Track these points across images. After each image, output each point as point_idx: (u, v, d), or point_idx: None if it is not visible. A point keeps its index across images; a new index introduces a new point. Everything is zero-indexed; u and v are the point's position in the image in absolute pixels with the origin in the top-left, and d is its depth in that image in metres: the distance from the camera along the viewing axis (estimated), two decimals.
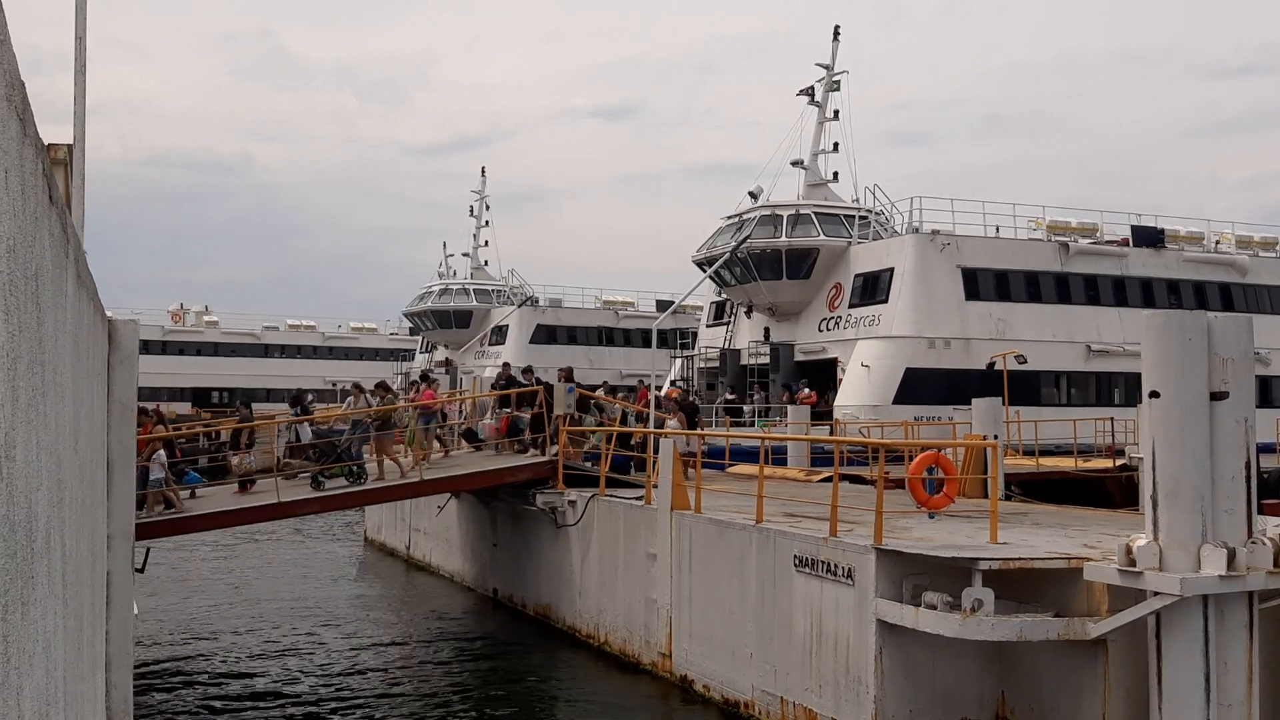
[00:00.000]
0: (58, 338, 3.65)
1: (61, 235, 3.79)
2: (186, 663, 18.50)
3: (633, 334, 61.03)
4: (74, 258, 4.47)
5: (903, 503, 15.67)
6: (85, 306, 5.58)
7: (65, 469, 4.11)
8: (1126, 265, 38.33)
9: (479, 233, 65.72)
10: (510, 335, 57.88)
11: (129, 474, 9.67)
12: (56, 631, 3.69)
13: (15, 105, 2.32)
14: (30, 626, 2.76)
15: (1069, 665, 12.07)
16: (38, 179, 2.88)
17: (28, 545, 2.69)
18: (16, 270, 2.40)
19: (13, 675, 2.34)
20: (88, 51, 9.29)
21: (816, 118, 40.73)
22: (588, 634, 19.36)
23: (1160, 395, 11.02)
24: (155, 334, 77.83)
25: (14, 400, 2.39)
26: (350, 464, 20.55)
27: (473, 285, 62.44)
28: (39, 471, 3.02)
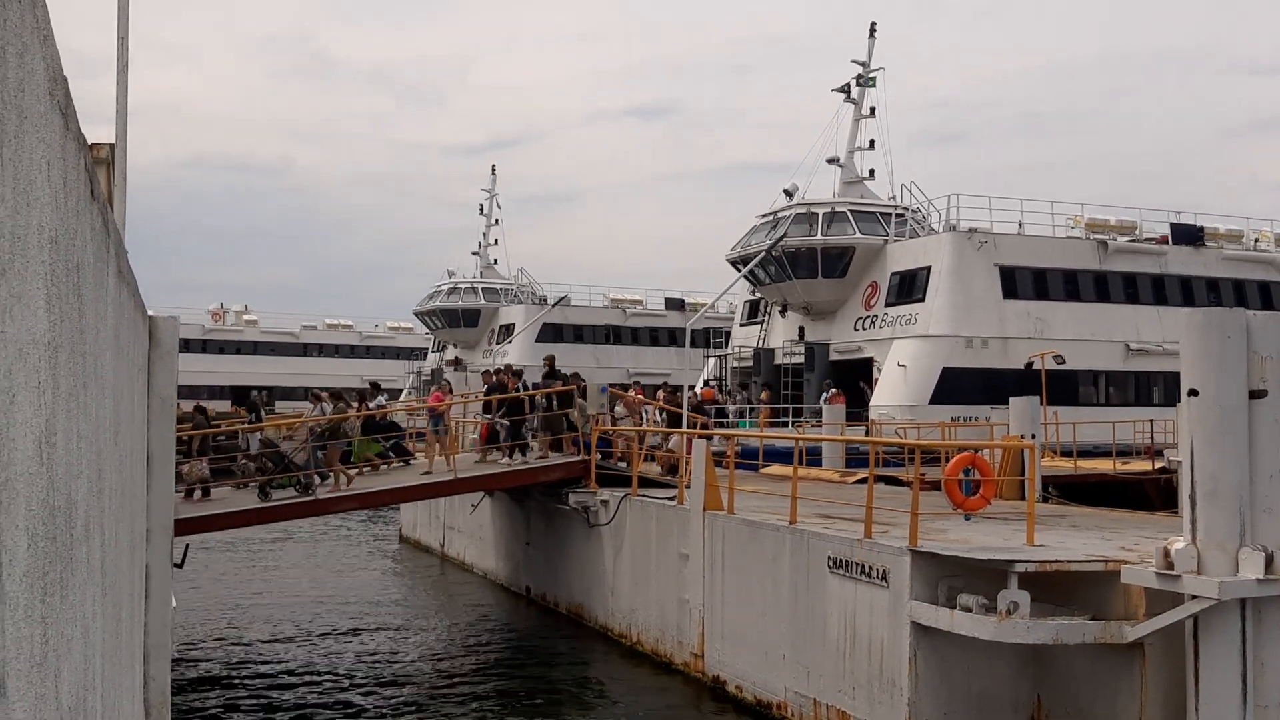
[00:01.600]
0: (99, 330, 3.76)
1: (103, 230, 3.89)
2: (223, 655, 18.75)
3: (640, 332, 60.84)
4: (115, 253, 4.59)
5: (938, 504, 15.61)
6: (126, 302, 5.71)
7: (105, 460, 4.22)
8: (1165, 263, 37.87)
9: (489, 231, 65.91)
10: (517, 334, 58.00)
11: (168, 469, 9.84)
12: (96, 619, 3.79)
13: (58, 100, 2.41)
14: (70, 610, 2.86)
15: (1105, 668, 11.99)
16: (80, 174, 2.97)
17: (67, 531, 2.79)
18: (59, 261, 2.49)
19: (51, 656, 2.42)
20: (131, 54, 9.46)
21: (852, 115, 40.53)
22: (620, 633, 19.42)
23: (1199, 394, 10.92)
24: (196, 333, 78.79)
25: (55, 388, 2.48)
26: (298, 474, 19.72)
27: (481, 284, 62.49)
28: (79, 460, 3.12)
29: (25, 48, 1.90)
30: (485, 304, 61.00)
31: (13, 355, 1.88)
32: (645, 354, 60.01)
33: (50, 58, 2.24)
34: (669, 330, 61.98)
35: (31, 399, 2.11)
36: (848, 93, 40.47)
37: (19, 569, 1.99)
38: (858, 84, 40.51)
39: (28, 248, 2.01)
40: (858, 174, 40.34)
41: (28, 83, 1.93)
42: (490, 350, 59.46)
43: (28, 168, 1.98)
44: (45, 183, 2.19)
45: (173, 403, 9.55)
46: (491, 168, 67.98)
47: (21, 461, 2.01)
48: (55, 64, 2.34)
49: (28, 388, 2.06)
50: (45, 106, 2.17)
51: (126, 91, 9.24)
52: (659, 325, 61.96)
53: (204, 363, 75.66)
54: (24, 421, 2.03)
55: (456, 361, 60.17)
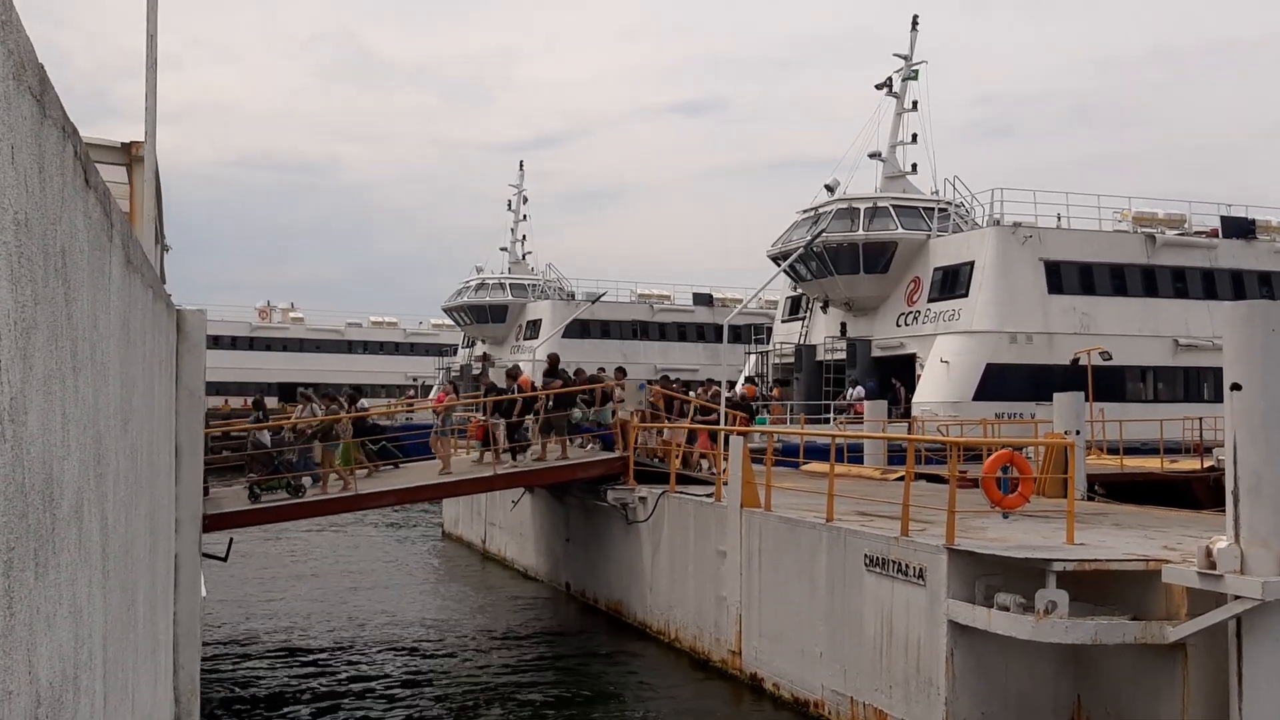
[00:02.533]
0: (96, 317, 3.79)
1: (103, 219, 3.92)
2: (260, 646, 18.91)
3: (668, 327, 60.46)
4: (120, 242, 4.62)
5: (977, 502, 15.40)
6: (139, 292, 5.74)
7: (107, 445, 4.26)
8: (1215, 257, 37.19)
9: (517, 227, 66.00)
10: (544, 329, 57.90)
11: (196, 459, 9.91)
12: (92, 599, 3.83)
13: (29, 85, 2.44)
14: (49, 589, 2.90)
15: (1147, 669, 11.75)
16: (65, 160, 2.99)
17: (45, 509, 2.82)
18: (30, 244, 2.51)
19: (20, 630, 2.46)
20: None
21: (894, 109, 40.21)
22: (658, 630, 19.36)
23: (1242, 388, 10.66)
24: (243, 330, 79.93)
25: (26, 368, 2.50)
26: (288, 476, 19.48)
27: (509, 280, 62.54)
28: (65, 442, 3.16)
29: None
30: (513, 299, 61.03)
31: None
32: (673, 349, 59.72)
33: (15, 44, 2.25)
34: (697, 326, 61.75)
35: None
36: (890, 87, 40.16)
37: None
38: (900, 78, 40.17)
39: None
40: (900, 169, 40.02)
41: None
42: (518, 346, 59.55)
43: None
44: (8, 164, 2.20)
45: (201, 395, 9.63)
46: (519, 163, 68.18)
47: None
48: (24, 50, 2.35)
49: None
50: (7, 90, 2.17)
51: (155, 89, 9.33)
52: (687, 321, 61.70)
53: (251, 360, 76.71)
54: None
55: (485, 357, 60.31)
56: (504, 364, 59.04)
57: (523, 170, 66.88)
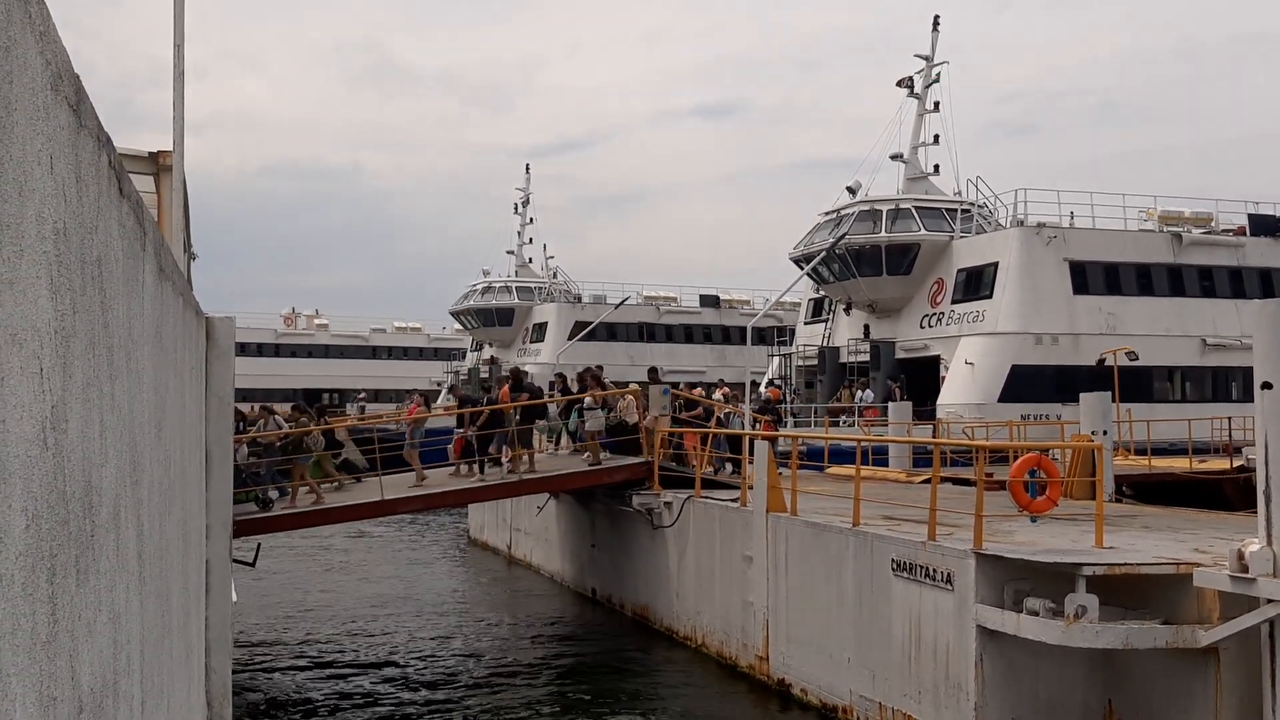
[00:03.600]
0: (131, 325, 3.83)
1: (136, 228, 3.95)
2: (289, 651, 19.01)
3: (675, 329, 60.12)
4: (153, 251, 4.67)
5: (1004, 505, 15.29)
6: (171, 300, 5.80)
7: (143, 453, 4.31)
8: (1243, 255, 36.84)
9: (523, 230, 66.04)
10: (549, 332, 57.62)
11: (226, 465, 9.98)
12: (130, 606, 3.87)
13: (66, 96, 2.48)
14: (89, 595, 2.93)
15: (1179, 673, 11.63)
16: (100, 170, 3.03)
17: (85, 516, 2.86)
18: (69, 253, 2.54)
19: (63, 637, 2.50)
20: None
21: (916, 110, 40.07)
22: (685, 635, 19.34)
23: (1272, 387, 10.54)
24: (268, 337, 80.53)
25: (66, 377, 2.54)
26: (256, 490, 19.28)
27: (515, 283, 62.46)
28: (103, 450, 3.20)
29: (12, 41, 1.94)
30: (519, 302, 60.90)
31: (3, 340, 1.93)
32: (679, 351, 59.36)
33: (53, 54, 2.29)
34: (704, 328, 61.54)
35: (30, 385, 2.16)
36: (911, 87, 39.99)
37: (14, 549, 2.04)
38: (921, 79, 40.02)
39: (22, 236, 2.05)
40: (922, 170, 39.86)
41: (16, 76, 1.98)
42: (524, 349, 59.48)
43: (19, 159, 2.03)
44: (47, 175, 2.24)
45: (230, 402, 9.70)
46: (525, 166, 68.37)
47: (17, 444, 2.06)
48: (61, 61, 2.39)
49: (25, 373, 2.11)
50: (45, 101, 2.20)
51: (183, 98, 9.41)
52: (693, 323, 61.41)
53: (277, 366, 77.22)
54: (20, 405, 2.07)
55: (493, 361, 60.26)
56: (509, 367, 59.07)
57: (529, 174, 67.11)
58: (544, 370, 55.94)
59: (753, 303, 64.78)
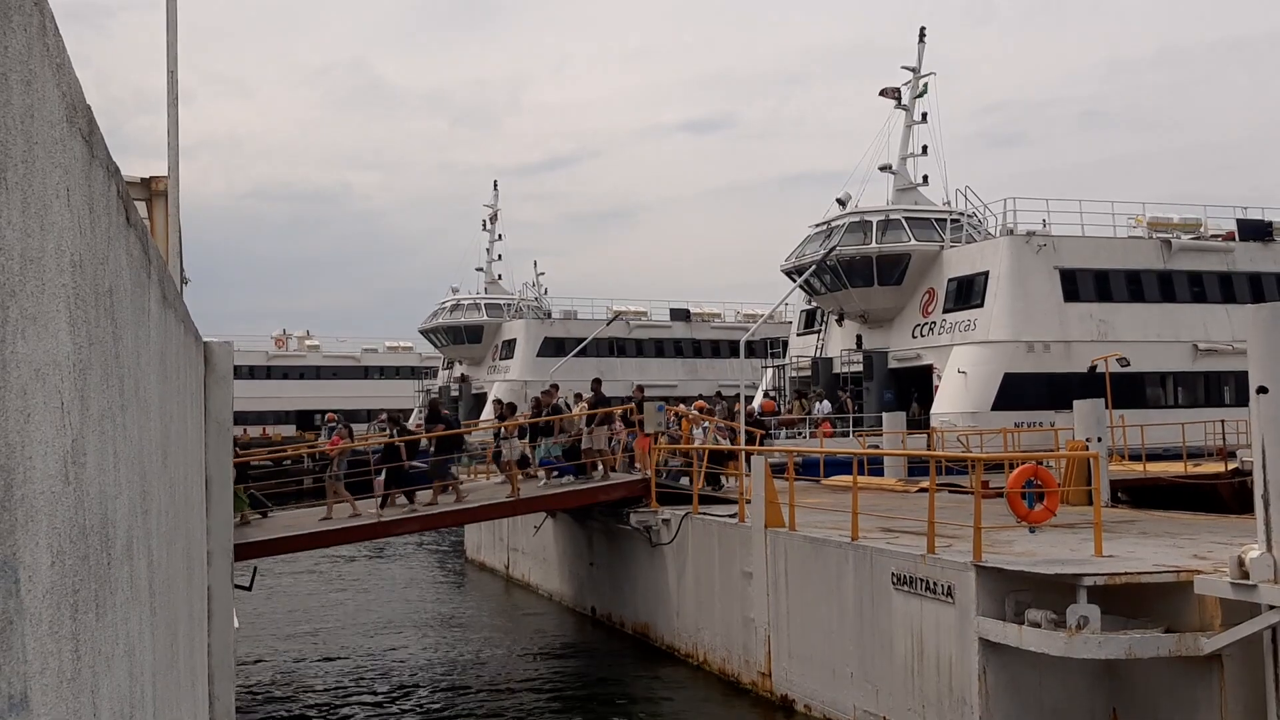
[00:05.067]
0: (139, 354, 3.81)
1: (142, 256, 3.94)
2: (288, 676, 18.90)
3: (645, 344, 59.80)
4: (158, 279, 4.66)
5: (1002, 514, 15.28)
6: (173, 327, 5.79)
7: (151, 482, 4.29)
8: (1233, 260, 37.01)
9: (492, 247, 65.67)
10: (518, 349, 57.28)
11: (226, 491, 9.95)
12: (143, 637, 3.84)
13: (79, 127, 2.47)
14: (108, 629, 2.92)
15: (1183, 682, 11.62)
16: (110, 200, 3.02)
17: (103, 550, 2.85)
18: (84, 285, 2.54)
19: (85, 672, 2.49)
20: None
21: (904, 121, 40.22)
22: (686, 653, 19.27)
23: (1269, 391, 10.57)
24: (260, 359, 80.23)
25: (83, 410, 2.52)
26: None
27: (484, 300, 62.15)
28: (117, 481, 3.18)
29: (32, 75, 1.94)
30: (488, 319, 60.55)
31: (27, 376, 1.91)
32: (650, 366, 59.03)
33: (68, 86, 2.28)
34: (675, 341, 61.33)
35: (53, 419, 2.15)
36: (898, 99, 40.17)
37: (41, 586, 2.03)
38: (908, 91, 40.20)
39: (44, 270, 2.04)
40: (911, 180, 40.00)
41: (37, 109, 1.98)
42: (494, 366, 59.15)
43: (40, 192, 2.01)
44: (65, 207, 2.23)
45: (229, 427, 9.67)
46: (494, 183, 67.97)
47: (42, 480, 2.05)
48: (75, 93, 2.38)
49: (48, 408, 2.10)
50: (62, 133, 2.20)
51: (177, 124, 9.40)
52: (664, 337, 61.16)
53: (268, 388, 76.93)
54: (44, 441, 2.06)
55: (464, 379, 59.82)
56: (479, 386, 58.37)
57: (496, 190, 66.78)
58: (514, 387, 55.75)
59: (724, 316, 64.64)
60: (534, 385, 53.70)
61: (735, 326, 63.62)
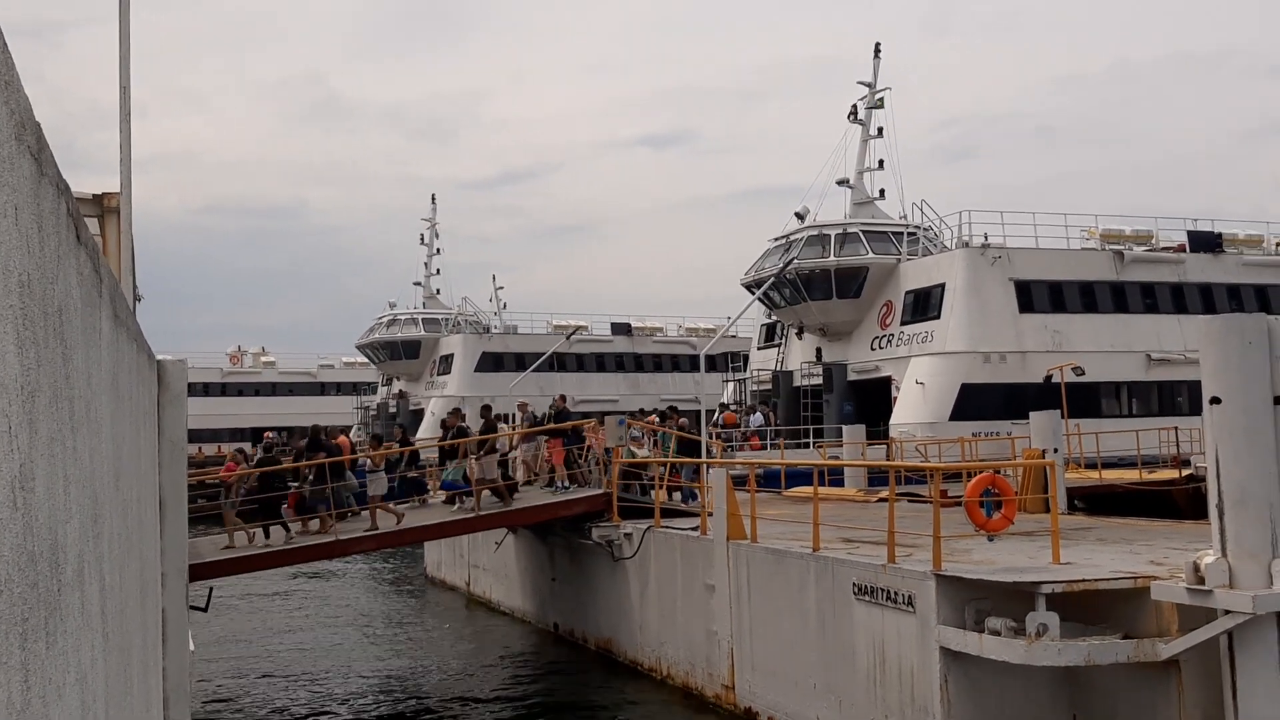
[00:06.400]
0: (90, 374, 3.74)
1: (93, 274, 3.87)
2: (247, 699, 18.63)
3: (586, 358, 59.38)
4: (109, 297, 4.58)
5: (961, 523, 15.40)
6: (125, 346, 5.69)
7: (103, 504, 4.21)
8: (1184, 271, 37.64)
9: (430, 261, 64.98)
10: (455, 364, 56.72)
11: (181, 512, 9.81)
12: (95, 664, 3.76)
13: (28, 145, 2.42)
14: (58, 658, 2.85)
15: (1141, 687, 11.75)
16: (60, 218, 2.96)
17: (53, 577, 2.78)
18: (33, 305, 2.48)
19: (35, 703, 2.42)
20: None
21: (860, 135, 40.59)
22: (650, 667, 19.22)
23: (1221, 401, 10.74)
24: (215, 376, 79.26)
25: (32, 433, 2.47)
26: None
27: (421, 315, 61.49)
28: (67, 505, 3.12)
29: None
30: (426, 334, 59.85)
31: None
32: (591, 380, 58.74)
33: (16, 104, 2.24)
34: (616, 356, 61.10)
35: (0, 444, 2.09)
36: (855, 114, 40.54)
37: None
38: (865, 105, 40.60)
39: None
40: (868, 194, 40.39)
41: None
42: (432, 382, 58.63)
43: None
44: (12, 226, 2.19)
45: (184, 446, 9.53)
46: (431, 197, 66.81)
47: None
48: (24, 110, 2.34)
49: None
50: (10, 151, 2.16)
51: (130, 140, 9.29)
52: (605, 351, 60.86)
53: (224, 405, 75.99)
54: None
55: (402, 396, 59.19)
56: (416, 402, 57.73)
57: (434, 204, 65.95)
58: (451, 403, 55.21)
59: (666, 330, 64.56)
60: (471, 401, 53.29)
61: (678, 340, 63.59)
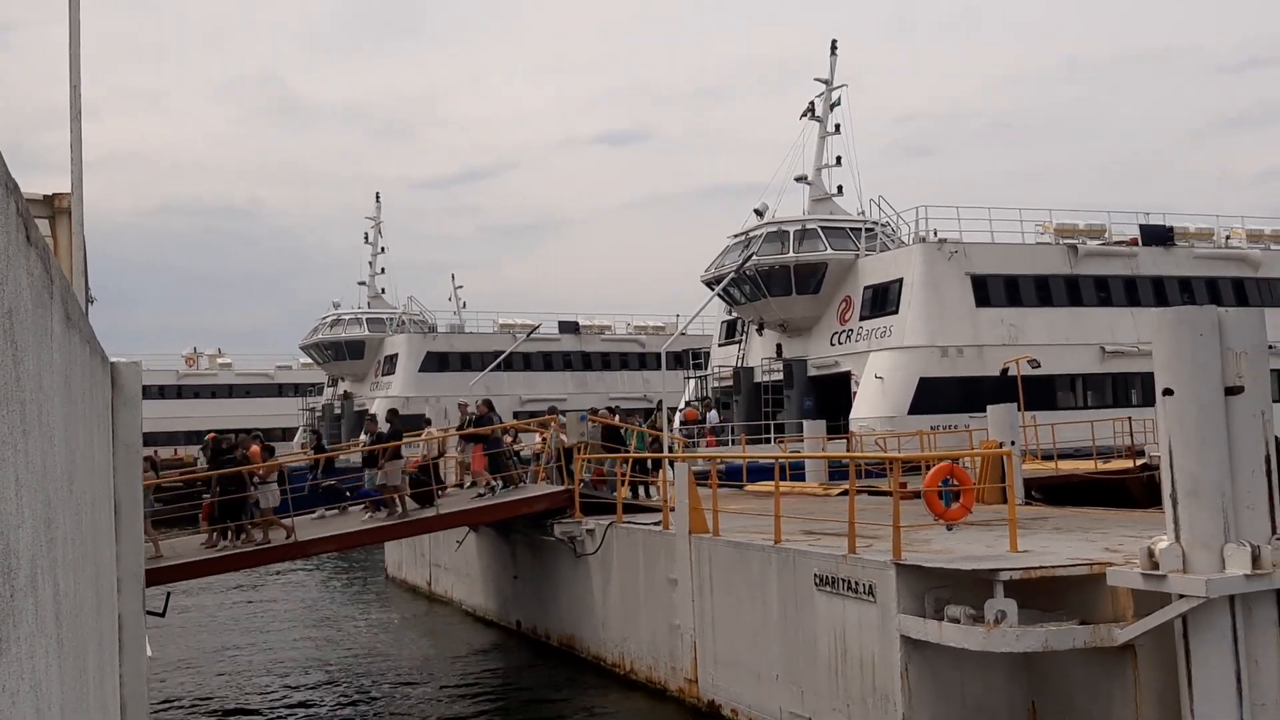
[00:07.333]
0: (41, 377, 3.67)
1: (44, 276, 3.80)
2: (207, 703, 18.44)
3: (533, 357, 59.00)
4: (60, 298, 4.50)
5: (920, 514, 15.55)
6: (78, 348, 5.60)
7: (56, 509, 4.14)
8: (1137, 265, 38.21)
9: (375, 260, 64.48)
10: (399, 364, 56.34)
11: (136, 516, 9.67)
12: (50, 671, 3.70)
13: None
14: (11, 665, 2.79)
15: (1098, 672, 11.92)
16: (9, 218, 2.90)
17: (5, 583, 2.73)
18: None
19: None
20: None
21: (818, 133, 40.83)
22: (613, 663, 19.23)
23: (1174, 393, 10.92)
24: (170, 379, 78.32)
25: None
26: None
27: (365, 315, 60.97)
28: (19, 510, 3.05)
29: None
30: (370, 335, 59.35)
31: None
32: (539, 380, 58.48)
33: None
34: (564, 355, 60.87)
35: None
36: (812, 111, 40.76)
37: None
38: (822, 102, 40.82)
39: None
40: (826, 191, 40.64)
41: None
42: (377, 382, 58.18)
43: None
44: None
45: (139, 449, 9.41)
46: (376, 195, 66.12)
47: None
48: None
49: None
50: None
51: (81, 139, 9.16)
52: (553, 350, 60.61)
53: (179, 408, 75.09)
54: None
55: (346, 396, 58.65)
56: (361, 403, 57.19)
57: (379, 202, 65.38)
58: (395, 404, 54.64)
59: (615, 328, 64.48)
60: (415, 402, 52.80)
61: (626, 339, 63.53)
